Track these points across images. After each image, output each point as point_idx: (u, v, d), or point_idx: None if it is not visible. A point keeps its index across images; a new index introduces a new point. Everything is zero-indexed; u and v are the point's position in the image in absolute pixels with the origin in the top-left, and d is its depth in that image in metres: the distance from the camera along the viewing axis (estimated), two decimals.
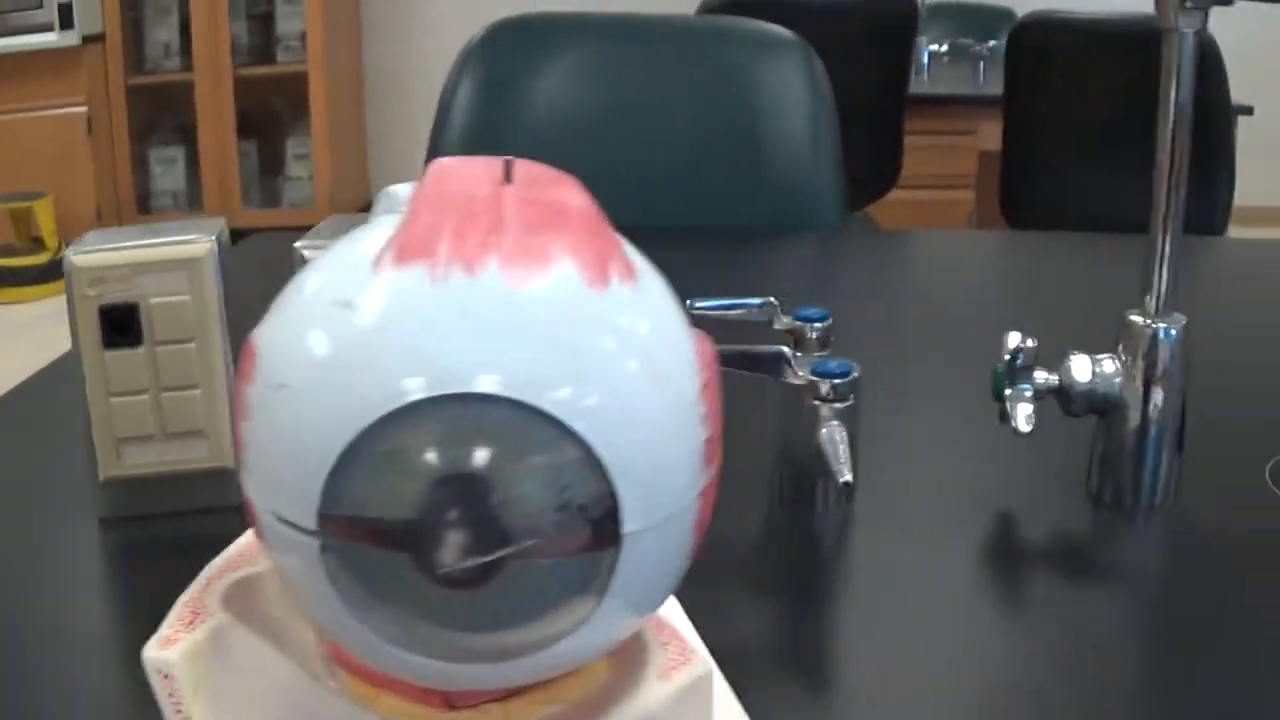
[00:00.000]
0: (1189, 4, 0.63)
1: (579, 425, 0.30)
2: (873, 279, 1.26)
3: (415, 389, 0.29)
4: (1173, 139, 0.66)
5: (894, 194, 2.85)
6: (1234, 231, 2.41)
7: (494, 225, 0.30)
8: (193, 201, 4.67)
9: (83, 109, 4.35)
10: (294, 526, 0.32)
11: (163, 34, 4.57)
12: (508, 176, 0.32)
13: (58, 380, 0.73)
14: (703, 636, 0.53)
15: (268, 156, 4.80)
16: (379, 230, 0.33)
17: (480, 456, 0.30)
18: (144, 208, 4.68)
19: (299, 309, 0.32)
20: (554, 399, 0.30)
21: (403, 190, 0.33)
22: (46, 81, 4.30)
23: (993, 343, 0.70)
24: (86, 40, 4.32)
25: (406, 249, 0.30)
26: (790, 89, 1.45)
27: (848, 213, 2.69)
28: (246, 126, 4.66)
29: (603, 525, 0.31)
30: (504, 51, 1.47)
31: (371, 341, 0.30)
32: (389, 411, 0.29)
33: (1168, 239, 0.67)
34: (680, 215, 1.42)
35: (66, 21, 4.23)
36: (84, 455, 0.67)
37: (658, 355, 0.31)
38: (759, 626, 0.60)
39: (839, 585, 0.65)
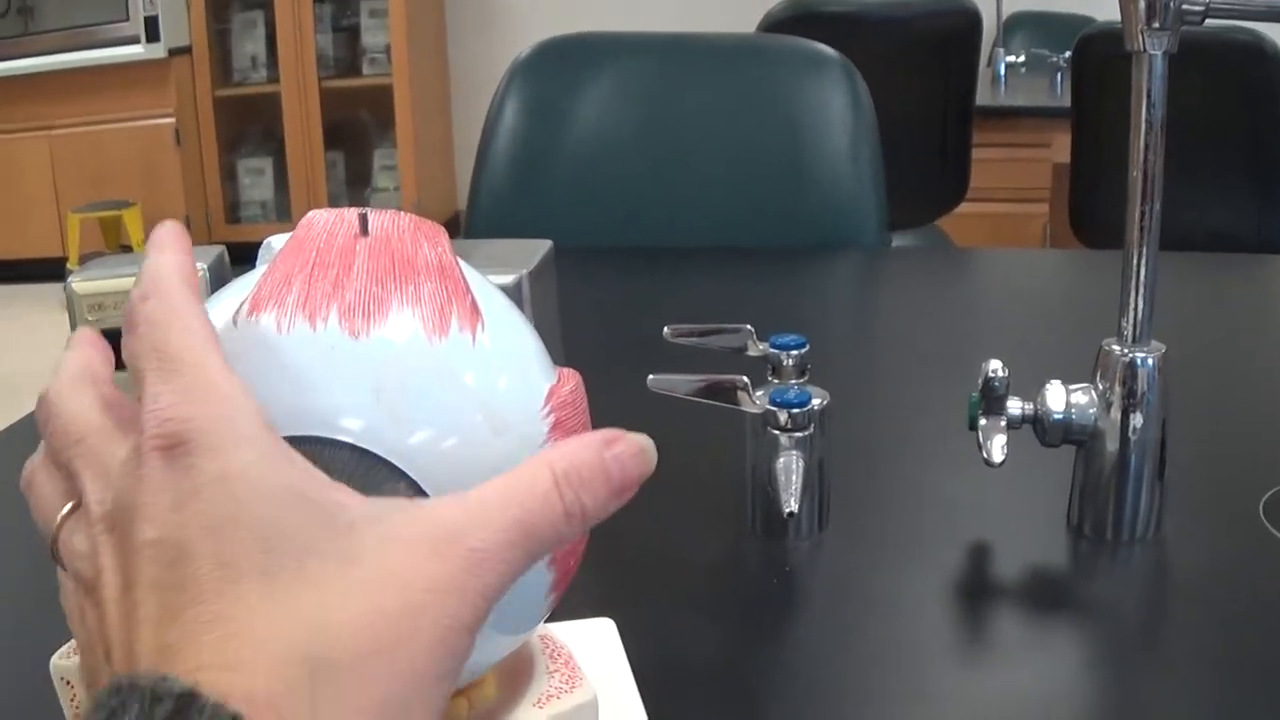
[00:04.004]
0: (1155, 25, 0.63)
1: (405, 466, 0.31)
2: (891, 301, 1.26)
3: None
4: (1145, 158, 0.66)
5: (966, 207, 2.81)
6: None
7: (340, 277, 0.32)
8: (281, 212, 4.75)
9: (171, 120, 4.45)
10: None
11: (249, 46, 4.66)
12: (364, 229, 0.33)
13: None
14: (656, 663, 0.54)
15: (355, 168, 4.87)
16: (250, 279, 0.35)
17: None
18: (233, 218, 4.76)
19: None
20: (382, 442, 0.31)
21: (278, 241, 0.35)
22: (135, 93, 4.40)
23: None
24: (173, 52, 4.42)
25: (259, 300, 0.32)
26: (831, 107, 1.45)
27: (923, 226, 2.68)
28: (333, 138, 4.73)
29: None
30: (549, 70, 1.49)
31: None
32: None
33: (1143, 262, 0.67)
34: (720, 234, 1.42)
35: (153, 34, 4.33)
36: None
37: (494, 401, 0.33)
38: (715, 655, 0.60)
39: (804, 615, 0.64)
